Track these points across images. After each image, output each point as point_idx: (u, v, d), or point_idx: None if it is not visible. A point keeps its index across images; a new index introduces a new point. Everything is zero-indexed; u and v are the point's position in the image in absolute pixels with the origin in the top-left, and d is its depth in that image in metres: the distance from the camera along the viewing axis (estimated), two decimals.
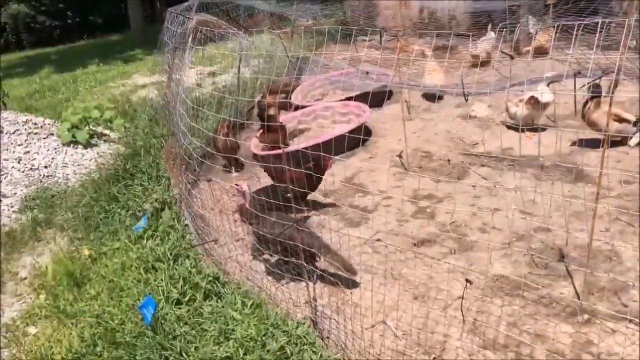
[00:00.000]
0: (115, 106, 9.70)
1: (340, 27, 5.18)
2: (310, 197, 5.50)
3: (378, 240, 4.87)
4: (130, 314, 4.19)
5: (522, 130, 6.39)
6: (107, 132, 8.85)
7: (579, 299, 3.78)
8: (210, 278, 4.34)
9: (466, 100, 5.10)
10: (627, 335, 3.42)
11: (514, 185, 5.23)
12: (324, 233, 4.63)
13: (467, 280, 3.44)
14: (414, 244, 4.80)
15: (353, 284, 4.19)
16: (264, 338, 3.63)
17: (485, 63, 8.48)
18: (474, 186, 5.60)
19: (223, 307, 4.03)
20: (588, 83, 5.45)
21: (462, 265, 4.31)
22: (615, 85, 4.81)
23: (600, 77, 4.64)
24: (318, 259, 4.26)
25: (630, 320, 3.51)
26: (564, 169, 5.54)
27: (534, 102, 6.44)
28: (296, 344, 3.57)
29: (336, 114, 7.74)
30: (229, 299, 4.10)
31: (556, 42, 5.35)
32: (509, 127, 6.79)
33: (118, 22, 27.54)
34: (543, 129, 6.48)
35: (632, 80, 4.81)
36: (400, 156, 6.44)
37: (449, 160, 6.32)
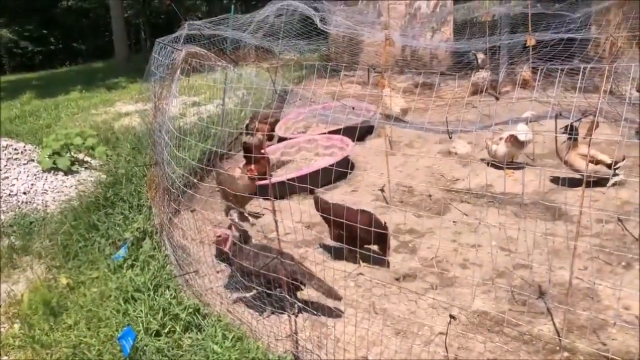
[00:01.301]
0: (98, 133, 9.65)
1: (329, 64, 5.28)
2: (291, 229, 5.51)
3: (360, 274, 4.88)
4: (109, 344, 4.11)
5: (503, 168, 6.51)
6: (88, 159, 8.79)
7: (559, 336, 3.81)
8: (190, 310, 4.28)
9: (450, 138, 5.20)
10: None
11: (494, 222, 5.30)
12: (307, 266, 4.64)
13: (451, 316, 3.46)
14: (396, 279, 4.81)
15: (336, 316, 4.18)
16: None
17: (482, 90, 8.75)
18: (455, 222, 5.66)
19: (203, 339, 3.98)
20: (569, 124, 5.59)
21: (443, 300, 4.33)
22: (595, 127, 4.96)
23: (579, 119, 4.79)
24: (302, 288, 4.25)
25: (609, 359, 3.55)
26: (543, 207, 5.66)
27: (513, 140, 6.58)
28: None
29: (319, 147, 7.82)
30: (210, 331, 4.05)
31: (538, 84, 5.52)
32: (489, 165, 6.92)
33: (102, 50, 27.62)
34: (522, 167, 6.62)
35: (611, 123, 4.97)
36: (382, 190, 6.50)
37: (430, 196, 6.40)
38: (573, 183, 6.07)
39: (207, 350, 3.83)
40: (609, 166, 5.94)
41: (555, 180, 6.22)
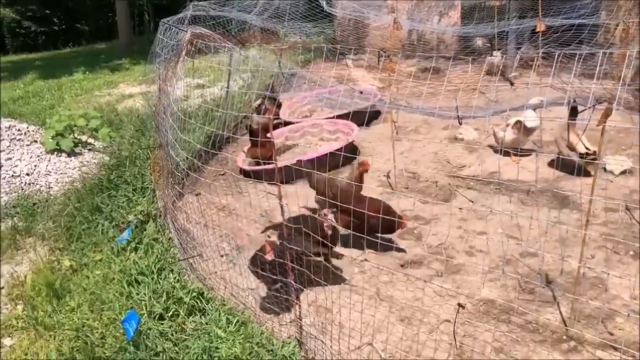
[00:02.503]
0: (101, 115, 9.59)
1: (337, 47, 5.19)
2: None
3: (365, 260, 4.84)
4: (112, 327, 4.09)
5: (509, 154, 6.45)
6: (92, 141, 8.74)
7: (565, 325, 3.78)
8: (194, 294, 4.26)
9: (460, 124, 5.13)
10: None
11: (501, 209, 5.25)
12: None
13: (459, 305, 3.43)
14: (401, 265, 4.78)
15: (341, 302, 4.14)
16: (249, 357, 3.56)
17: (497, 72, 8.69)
18: (461, 209, 5.61)
19: (207, 324, 3.95)
20: (572, 107, 5.51)
21: (449, 287, 4.29)
22: (607, 115, 4.87)
23: (593, 106, 4.72)
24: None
25: (616, 349, 3.52)
26: (551, 195, 5.60)
27: (520, 126, 6.50)
28: None
29: (324, 132, 7.75)
30: (214, 315, 4.03)
31: (555, 70, 5.42)
32: (495, 151, 6.85)
33: (106, 31, 27.44)
34: (529, 154, 6.56)
35: (623, 111, 4.89)
36: (387, 176, 6.45)
37: (436, 182, 6.34)
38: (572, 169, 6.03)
39: (210, 334, 3.81)
40: (581, 155, 5.94)
41: (551, 163, 6.22)
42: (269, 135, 6.42)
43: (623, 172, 5.98)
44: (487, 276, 4.43)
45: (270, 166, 6.15)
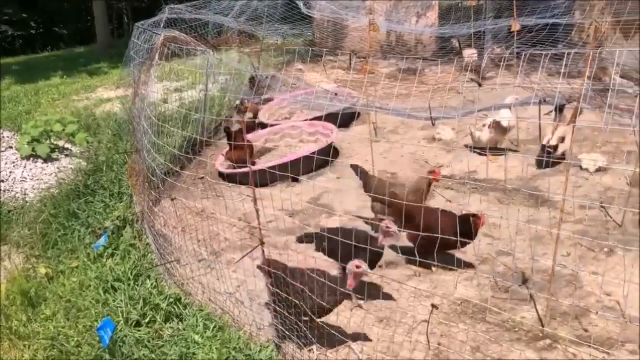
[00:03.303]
0: (78, 120, 9.48)
1: (311, 48, 5.20)
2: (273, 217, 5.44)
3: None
4: (87, 335, 4.05)
5: (486, 154, 6.51)
6: (68, 146, 8.65)
7: (541, 323, 3.82)
8: (171, 299, 4.24)
9: (433, 125, 5.16)
10: None
11: (477, 208, 5.29)
12: (290, 255, 4.60)
13: (432, 306, 3.45)
14: (379, 266, 4.78)
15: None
16: None
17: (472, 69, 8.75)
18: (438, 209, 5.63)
19: (184, 329, 3.93)
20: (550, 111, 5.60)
21: (426, 288, 4.32)
22: (577, 114, 4.97)
23: (563, 105, 4.78)
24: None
25: (590, 346, 3.56)
26: (526, 193, 5.64)
27: (496, 126, 6.56)
28: None
29: (303, 133, 7.75)
30: (191, 321, 4.00)
31: (521, 69, 5.50)
32: (472, 151, 6.90)
33: (84, 35, 27.15)
34: (505, 154, 6.61)
35: (594, 109, 4.96)
36: None
37: None
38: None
39: (187, 340, 3.79)
40: (542, 146, 6.14)
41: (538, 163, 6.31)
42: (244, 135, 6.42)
43: (598, 170, 6.05)
44: (463, 275, 4.46)
45: (245, 169, 6.13)
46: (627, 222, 5.09)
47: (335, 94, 7.87)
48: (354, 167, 5.59)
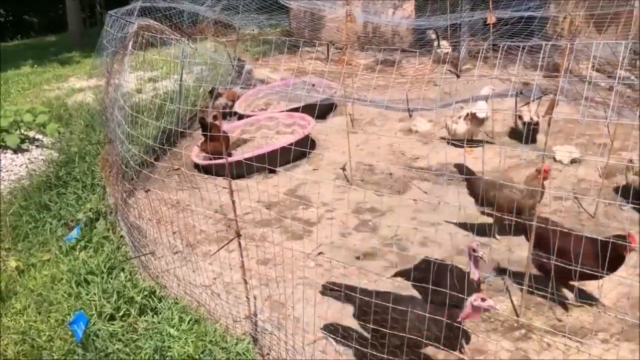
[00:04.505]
0: (50, 110, 9.27)
1: (288, 39, 5.14)
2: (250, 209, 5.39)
3: (320, 253, 4.83)
4: (60, 330, 3.96)
5: (462, 146, 6.54)
6: (39, 137, 8.44)
7: (516, 314, 3.85)
8: (146, 292, 4.17)
9: (410, 116, 5.16)
10: (562, 350, 3.50)
11: (453, 200, 5.32)
12: (267, 247, 4.57)
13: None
14: (357, 258, 4.79)
15: (295, 296, 4.12)
16: (201, 356, 3.51)
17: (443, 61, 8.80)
18: (415, 200, 5.66)
19: (159, 323, 3.88)
20: (527, 102, 5.65)
21: (402, 280, 4.32)
22: (553, 106, 5.01)
23: (540, 97, 4.81)
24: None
25: (565, 336, 3.61)
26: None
27: (472, 118, 6.60)
28: None
29: (280, 125, 7.69)
30: (166, 314, 3.95)
31: (499, 61, 5.52)
32: (449, 143, 6.93)
33: (55, 23, 26.56)
34: (481, 145, 6.66)
35: (570, 102, 5.00)
36: (343, 169, 6.46)
37: (391, 174, 6.38)
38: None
39: (163, 333, 3.74)
40: (524, 123, 6.35)
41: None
42: (220, 126, 6.35)
43: (572, 162, 6.13)
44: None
45: (221, 161, 6.07)
46: (600, 213, 5.17)
47: (313, 85, 7.82)
48: (458, 166, 5.21)
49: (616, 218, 5.06)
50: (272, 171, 6.34)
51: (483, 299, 3.05)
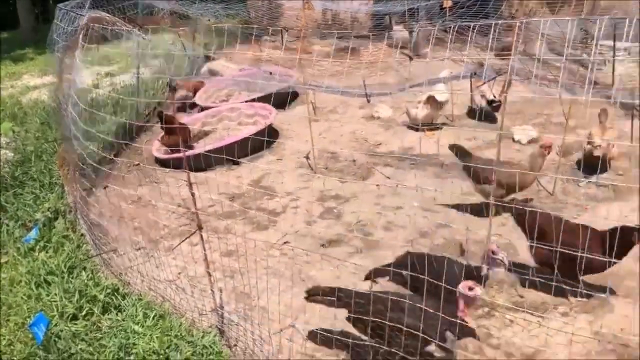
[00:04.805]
0: (3, 109, 9.00)
1: (241, 26, 5.08)
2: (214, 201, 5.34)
3: (286, 242, 4.83)
4: (20, 333, 3.86)
5: (424, 130, 6.61)
6: None
7: None
8: (109, 290, 4.10)
9: (368, 102, 5.17)
10: (524, 327, 3.59)
11: (415, 183, 5.38)
12: (231, 238, 4.54)
13: (370, 280, 3.48)
14: (322, 245, 4.80)
15: (261, 286, 4.10)
16: (167, 351, 3.47)
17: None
18: (378, 186, 5.69)
19: (124, 320, 3.82)
20: (483, 82, 5.73)
21: (368, 264, 4.35)
22: (508, 85, 5.12)
23: (494, 78, 4.88)
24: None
25: (526, 311, 3.69)
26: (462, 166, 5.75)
27: (432, 101, 6.66)
28: (202, 355, 3.44)
29: (242, 115, 7.63)
30: (130, 311, 3.89)
31: (451, 43, 5.55)
32: (410, 127, 6.98)
33: (6, 19, 25.70)
34: (441, 128, 6.76)
35: (523, 81, 5.09)
36: (307, 157, 6.45)
37: (354, 161, 6.41)
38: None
39: (127, 331, 3.68)
40: (488, 102, 6.50)
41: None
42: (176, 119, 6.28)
43: (530, 141, 6.25)
44: (404, 249, 4.51)
45: (180, 154, 5.98)
46: (558, 190, 5.29)
47: (271, 73, 7.78)
48: (452, 147, 5.17)
49: (573, 194, 5.20)
50: (235, 163, 6.29)
51: (470, 288, 2.95)
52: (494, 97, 6.46)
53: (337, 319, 3.75)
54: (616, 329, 3.48)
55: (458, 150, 5.11)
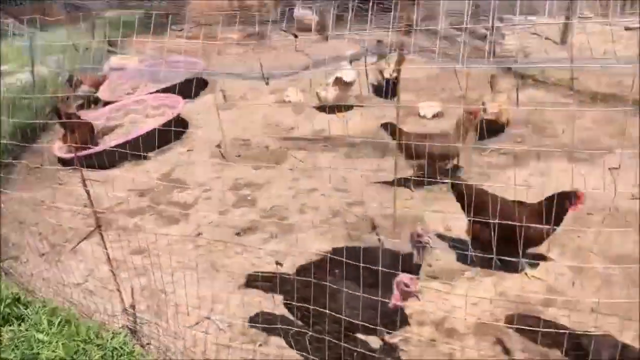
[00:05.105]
0: None
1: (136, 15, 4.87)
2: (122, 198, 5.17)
3: (199, 234, 4.74)
4: None
5: (334, 111, 6.67)
6: None
7: None
8: (9, 300, 3.86)
9: (267, 84, 5.12)
10: (433, 294, 3.69)
11: (327, 165, 5.42)
12: (141, 235, 4.41)
13: (277, 263, 3.47)
14: (237, 234, 4.74)
15: (174, 281, 4.00)
16: (75, 356, 3.32)
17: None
18: (292, 169, 5.69)
19: (27, 330, 3.61)
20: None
21: (283, 248, 4.35)
22: (401, 62, 5.25)
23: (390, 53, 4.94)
24: None
25: (436, 279, 3.80)
26: (373, 145, 5.84)
27: (340, 83, 6.71)
28: (112, 357, 3.32)
29: (149, 108, 7.38)
30: (34, 319, 3.69)
31: (350, 21, 5.63)
32: (320, 109, 7.00)
33: None
34: (351, 108, 6.85)
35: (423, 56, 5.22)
36: (219, 146, 6.34)
37: (267, 147, 6.36)
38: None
39: (31, 340, 3.49)
40: (385, 80, 6.75)
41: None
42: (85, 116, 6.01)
43: (435, 116, 6.43)
44: (318, 230, 4.56)
45: (84, 152, 5.75)
46: (462, 161, 5.47)
47: (177, 62, 7.59)
48: (384, 126, 5.12)
49: (478, 163, 5.39)
50: (144, 157, 6.09)
51: (406, 284, 2.92)
52: (391, 74, 6.61)
53: (253, 305, 3.74)
54: (518, 288, 3.65)
55: (390, 128, 5.13)
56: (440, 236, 4.29)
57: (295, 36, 5.83)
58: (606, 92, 6.52)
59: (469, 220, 3.72)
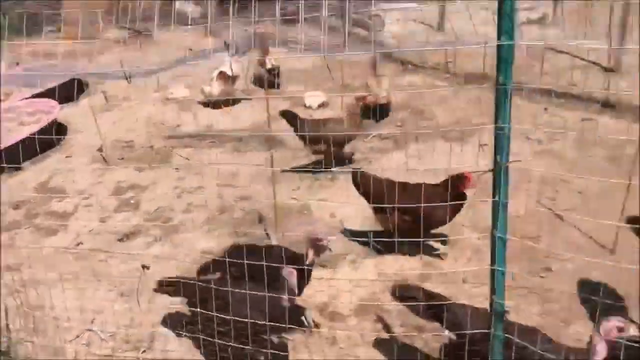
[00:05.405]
0: None
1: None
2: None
3: (79, 244, 4.54)
4: None
5: (220, 106, 6.61)
6: None
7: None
8: None
9: (129, 82, 4.98)
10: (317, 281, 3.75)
11: (214, 160, 5.36)
12: (15, 249, 4.18)
13: (143, 266, 3.42)
14: (119, 240, 4.59)
15: (53, 295, 3.81)
16: None
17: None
18: (177, 169, 5.58)
19: None
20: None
21: (167, 251, 4.27)
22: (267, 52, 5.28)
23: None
24: None
25: (325, 267, 3.86)
26: (260, 138, 5.83)
27: (223, 77, 6.63)
28: None
29: (23, 115, 6.94)
30: None
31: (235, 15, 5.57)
32: (205, 105, 6.89)
33: None
34: (238, 102, 6.81)
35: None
36: (100, 150, 6.08)
37: (151, 147, 6.18)
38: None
39: None
40: (267, 70, 6.70)
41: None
42: None
43: (320, 106, 6.52)
44: (203, 229, 4.51)
45: None
46: (347, 148, 5.59)
47: (17, 64, 7.22)
48: (283, 113, 5.23)
49: (361, 150, 5.53)
50: (17, 168, 5.74)
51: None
52: (272, 65, 6.67)
53: (137, 312, 3.65)
54: (396, 267, 3.80)
55: (289, 116, 5.23)
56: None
57: (139, 32, 5.68)
58: (478, 73, 6.88)
59: (374, 208, 3.89)
